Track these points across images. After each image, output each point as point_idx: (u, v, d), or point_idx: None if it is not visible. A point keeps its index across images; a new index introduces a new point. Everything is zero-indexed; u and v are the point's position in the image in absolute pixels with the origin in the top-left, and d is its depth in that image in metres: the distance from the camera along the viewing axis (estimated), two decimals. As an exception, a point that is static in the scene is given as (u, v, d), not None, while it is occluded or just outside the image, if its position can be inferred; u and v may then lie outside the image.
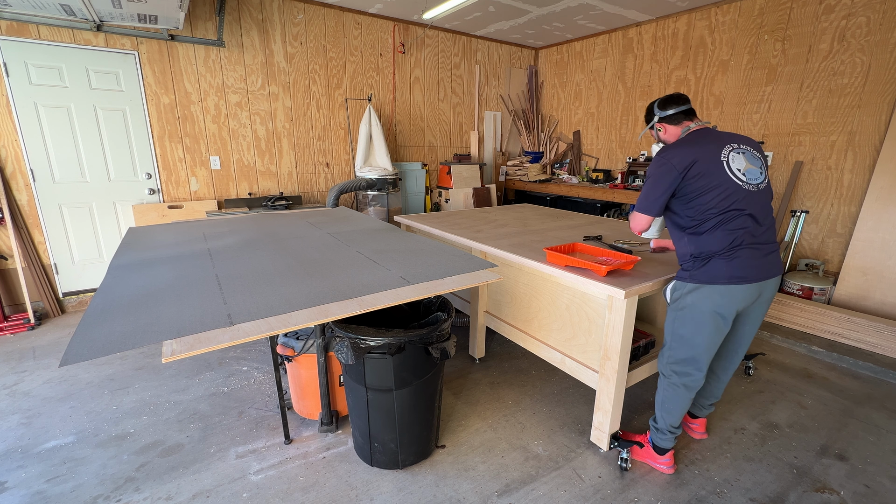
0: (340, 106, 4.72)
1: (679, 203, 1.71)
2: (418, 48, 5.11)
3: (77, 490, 1.81)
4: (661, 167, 1.69)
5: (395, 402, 1.80)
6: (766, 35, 3.88)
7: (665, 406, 1.85)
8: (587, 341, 2.04)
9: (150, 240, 2.32)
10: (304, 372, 2.15)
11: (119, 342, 1.15)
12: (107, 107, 3.62)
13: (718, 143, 1.68)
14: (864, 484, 1.88)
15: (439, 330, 1.77)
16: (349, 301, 1.45)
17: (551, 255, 2.07)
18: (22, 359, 2.89)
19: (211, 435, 2.15)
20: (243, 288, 1.55)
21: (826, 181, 3.67)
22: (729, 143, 1.68)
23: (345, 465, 1.96)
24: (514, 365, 2.84)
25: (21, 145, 3.37)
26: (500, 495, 1.80)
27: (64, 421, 2.25)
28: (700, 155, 1.65)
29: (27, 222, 3.50)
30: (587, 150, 5.73)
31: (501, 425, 2.24)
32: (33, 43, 3.28)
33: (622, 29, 5.06)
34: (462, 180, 5.27)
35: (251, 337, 1.21)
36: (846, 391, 2.60)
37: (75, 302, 3.76)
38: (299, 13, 4.28)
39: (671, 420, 1.85)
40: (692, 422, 2.14)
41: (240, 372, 2.73)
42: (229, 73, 4.05)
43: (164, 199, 3.97)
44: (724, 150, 1.66)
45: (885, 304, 3.30)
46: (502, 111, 6.05)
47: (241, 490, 1.81)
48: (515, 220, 3.26)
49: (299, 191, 4.65)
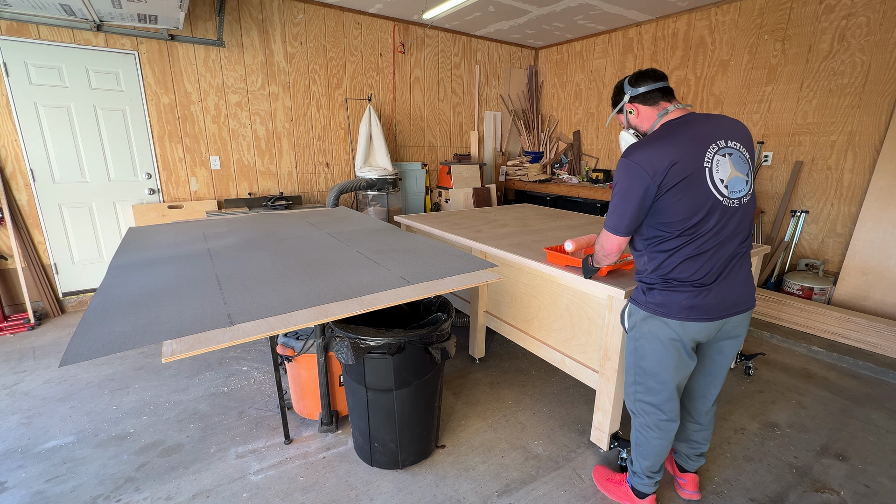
0: (340, 106, 4.72)
1: None
2: (418, 48, 5.11)
3: (77, 490, 1.81)
4: (630, 174, 1.34)
5: (395, 402, 1.80)
6: (766, 35, 3.88)
7: (640, 449, 1.64)
8: (587, 341, 2.04)
9: (150, 240, 2.32)
10: (304, 372, 2.15)
11: (119, 342, 1.15)
12: (107, 107, 3.62)
13: (702, 141, 1.34)
14: (864, 484, 1.88)
15: (439, 330, 1.77)
16: (349, 301, 1.44)
17: (551, 255, 2.07)
18: (22, 359, 2.89)
19: (211, 435, 2.15)
20: (243, 288, 1.55)
21: (826, 181, 3.67)
22: (714, 141, 1.35)
23: (345, 465, 1.96)
24: (514, 365, 2.84)
25: (21, 145, 3.37)
26: (500, 495, 1.80)
27: (64, 421, 2.25)
28: (679, 155, 1.31)
29: (27, 222, 3.50)
30: (587, 150, 5.73)
31: (501, 425, 2.24)
32: (33, 43, 3.28)
33: (622, 29, 5.06)
34: (462, 180, 5.27)
35: (251, 337, 1.21)
36: (846, 391, 2.60)
37: (75, 302, 3.76)
38: (299, 13, 4.28)
39: (648, 464, 1.63)
40: (681, 476, 1.81)
41: (240, 372, 2.73)
42: (229, 73, 4.05)
43: (164, 199, 3.97)
44: (709, 151, 1.33)
45: (885, 303, 3.30)
46: (502, 111, 6.05)
47: (241, 490, 1.81)
48: (515, 220, 3.26)
49: (299, 191, 4.65)
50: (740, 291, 1.43)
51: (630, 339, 1.57)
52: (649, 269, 1.46)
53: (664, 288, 1.42)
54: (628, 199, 1.36)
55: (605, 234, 1.50)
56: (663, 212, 1.35)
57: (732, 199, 1.36)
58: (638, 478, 1.68)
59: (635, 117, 1.54)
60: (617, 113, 1.61)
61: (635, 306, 1.53)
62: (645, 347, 1.51)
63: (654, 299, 1.45)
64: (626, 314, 1.59)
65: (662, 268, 1.41)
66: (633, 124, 1.56)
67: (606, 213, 1.46)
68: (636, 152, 1.35)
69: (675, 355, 1.46)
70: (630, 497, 1.72)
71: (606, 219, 1.46)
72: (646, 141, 1.38)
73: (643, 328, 1.50)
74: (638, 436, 1.64)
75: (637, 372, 1.57)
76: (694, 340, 1.45)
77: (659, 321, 1.44)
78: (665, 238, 1.39)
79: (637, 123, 1.54)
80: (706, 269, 1.37)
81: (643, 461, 1.64)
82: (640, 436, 1.63)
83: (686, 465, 1.79)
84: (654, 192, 1.33)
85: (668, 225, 1.36)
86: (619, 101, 1.58)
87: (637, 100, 1.51)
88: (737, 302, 1.43)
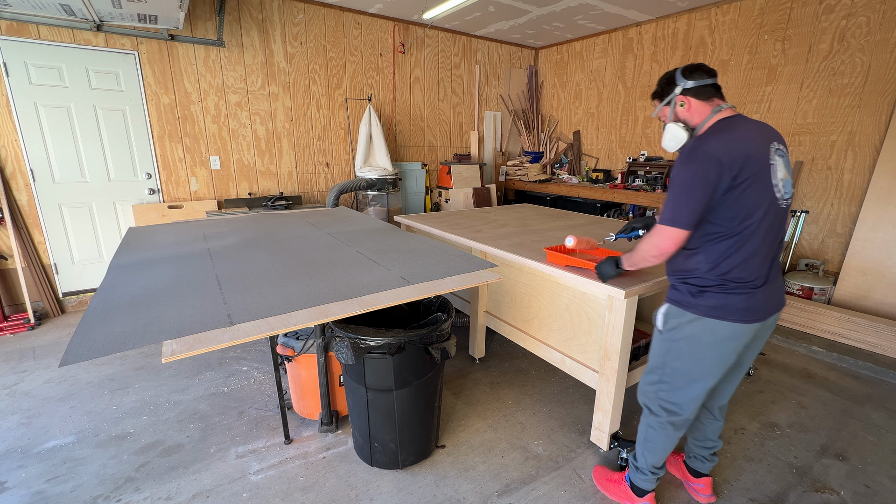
0: (340, 106, 4.72)
1: None
2: (418, 48, 5.11)
3: (77, 490, 1.81)
4: (703, 163, 1.28)
5: (395, 402, 1.80)
6: (766, 35, 3.88)
7: (648, 445, 1.62)
8: (587, 341, 2.04)
9: (150, 240, 2.32)
10: (304, 372, 2.15)
11: (119, 342, 1.15)
12: (107, 107, 3.62)
13: (766, 139, 1.34)
14: (864, 484, 1.88)
15: (439, 330, 1.77)
16: (349, 301, 1.44)
17: (551, 255, 2.07)
18: (22, 359, 2.89)
19: (211, 435, 2.15)
20: (243, 288, 1.55)
21: (826, 181, 3.67)
22: (772, 142, 1.35)
23: (345, 465, 1.96)
24: (514, 365, 2.84)
25: (21, 145, 3.37)
26: (500, 495, 1.80)
27: (64, 421, 2.25)
28: (753, 149, 1.29)
29: (27, 222, 3.50)
30: (587, 150, 5.73)
31: (501, 425, 2.24)
32: (33, 43, 3.28)
33: (622, 29, 5.06)
34: (462, 180, 5.27)
35: (251, 337, 1.21)
36: (846, 391, 2.60)
37: (75, 302, 3.76)
38: (299, 13, 4.28)
39: (654, 460, 1.63)
40: (695, 481, 1.78)
41: (240, 372, 2.73)
42: (229, 73, 4.05)
43: (164, 199, 3.97)
44: (771, 149, 1.33)
45: (884, 304, 3.30)
46: (502, 111, 6.05)
47: (241, 490, 1.81)
48: (515, 220, 3.26)
49: (299, 191, 4.65)
50: (780, 291, 1.47)
51: (665, 339, 1.52)
52: (704, 269, 1.39)
53: (721, 290, 1.37)
54: (698, 188, 1.29)
55: (661, 229, 1.38)
56: (729, 206, 1.31)
57: (784, 199, 1.36)
58: (641, 474, 1.67)
59: (686, 110, 1.47)
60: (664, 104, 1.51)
61: (679, 308, 1.45)
62: (683, 349, 1.46)
63: (707, 301, 1.39)
64: (663, 315, 1.52)
65: (720, 267, 1.36)
66: (683, 118, 1.48)
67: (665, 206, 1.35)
68: (708, 141, 1.31)
69: (723, 357, 1.43)
70: (629, 496, 1.71)
71: (664, 212, 1.36)
72: (713, 133, 1.34)
73: (686, 330, 1.44)
74: (649, 432, 1.61)
75: (665, 371, 1.53)
76: (744, 344, 1.43)
77: (712, 323, 1.39)
78: (725, 235, 1.34)
79: (687, 117, 1.47)
80: (760, 270, 1.36)
81: (649, 457, 1.63)
82: (652, 432, 1.60)
83: (701, 468, 1.77)
84: (728, 184, 1.28)
85: (730, 220, 1.32)
86: (667, 93, 1.50)
87: (690, 93, 1.44)
88: (777, 302, 1.45)
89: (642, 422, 1.66)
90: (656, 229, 1.41)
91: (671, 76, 1.48)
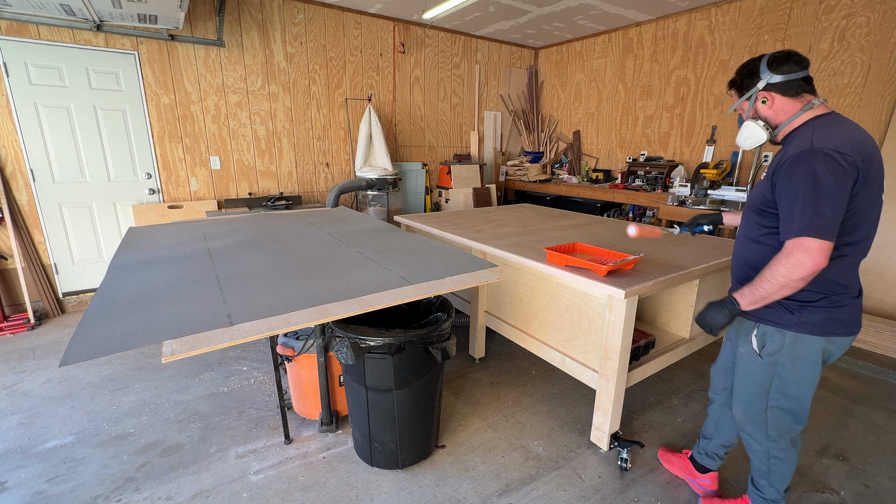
0: (340, 106, 4.72)
1: None
2: (418, 48, 5.11)
3: (77, 490, 1.81)
4: (840, 164, 1.13)
5: (395, 402, 1.80)
6: (766, 35, 3.88)
7: (776, 476, 1.48)
8: (587, 341, 2.04)
9: (150, 240, 2.32)
10: (304, 372, 2.15)
11: (119, 342, 1.15)
12: (107, 107, 3.62)
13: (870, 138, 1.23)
14: (864, 484, 1.88)
15: (439, 330, 1.77)
16: (349, 301, 1.44)
17: (551, 255, 2.07)
18: (22, 359, 2.89)
19: (211, 435, 2.15)
20: (243, 288, 1.55)
21: (826, 181, 3.66)
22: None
23: (345, 465, 1.96)
24: (514, 365, 2.84)
25: (21, 145, 3.37)
26: (500, 495, 1.80)
27: (64, 421, 2.25)
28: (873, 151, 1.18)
29: (27, 222, 3.50)
30: (587, 150, 5.73)
31: (501, 425, 2.24)
32: (33, 43, 3.28)
33: (622, 29, 5.06)
34: (462, 180, 5.28)
35: (251, 337, 1.21)
36: (846, 391, 2.60)
37: (75, 302, 3.76)
38: (299, 13, 4.28)
39: (785, 484, 1.50)
40: (702, 477, 1.78)
41: (240, 372, 2.73)
42: (229, 73, 4.05)
43: (164, 199, 3.97)
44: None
45: (884, 303, 3.30)
46: (502, 111, 6.05)
47: (241, 490, 1.81)
48: (515, 220, 3.26)
49: (299, 191, 4.65)
50: None
51: (765, 364, 1.37)
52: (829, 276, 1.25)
53: (828, 303, 1.25)
54: (839, 193, 1.13)
55: (806, 243, 1.15)
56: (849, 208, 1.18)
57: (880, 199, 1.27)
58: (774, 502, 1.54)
59: (768, 107, 1.31)
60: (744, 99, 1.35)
61: (778, 328, 1.31)
62: (789, 372, 1.33)
63: (811, 318, 1.26)
64: (758, 338, 1.37)
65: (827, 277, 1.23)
66: (764, 115, 1.32)
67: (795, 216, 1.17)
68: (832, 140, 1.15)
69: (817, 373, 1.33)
70: None
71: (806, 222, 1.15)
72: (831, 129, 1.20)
73: (791, 351, 1.31)
74: (774, 463, 1.46)
75: (774, 398, 1.39)
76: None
77: (816, 340, 1.28)
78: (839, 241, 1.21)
79: (770, 115, 1.31)
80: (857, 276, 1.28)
81: (781, 485, 1.49)
82: (778, 462, 1.46)
83: (710, 465, 1.78)
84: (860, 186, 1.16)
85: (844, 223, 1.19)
86: (748, 86, 1.33)
87: (775, 88, 1.28)
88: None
89: (757, 454, 1.50)
90: (797, 244, 1.17)
91: (755, 67, 1.31)
